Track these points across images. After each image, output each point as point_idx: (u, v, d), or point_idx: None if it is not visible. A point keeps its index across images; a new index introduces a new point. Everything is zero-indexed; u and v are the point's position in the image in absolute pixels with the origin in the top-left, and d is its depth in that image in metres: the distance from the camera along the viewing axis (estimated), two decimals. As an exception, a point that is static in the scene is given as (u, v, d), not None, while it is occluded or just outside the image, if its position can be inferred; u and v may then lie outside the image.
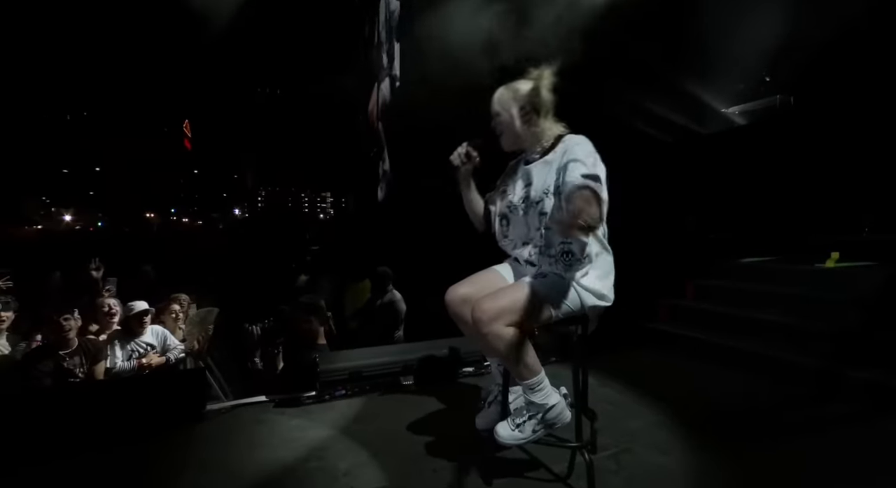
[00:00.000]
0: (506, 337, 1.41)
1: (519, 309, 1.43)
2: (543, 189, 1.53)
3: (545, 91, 1.55)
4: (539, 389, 1.49)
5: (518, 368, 1.47)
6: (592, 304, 1.52)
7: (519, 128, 1.58)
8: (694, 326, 3.31)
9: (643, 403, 2.31)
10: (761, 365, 2.70)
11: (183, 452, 1.82)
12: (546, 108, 1.57)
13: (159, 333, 3.52)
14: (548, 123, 1.59)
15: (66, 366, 3.01)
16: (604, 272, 1.55)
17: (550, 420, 1.51)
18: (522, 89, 1.57)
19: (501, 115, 1.59)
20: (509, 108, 1.57)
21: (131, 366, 3.27)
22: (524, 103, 1.56)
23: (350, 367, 2.41)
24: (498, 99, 1.59)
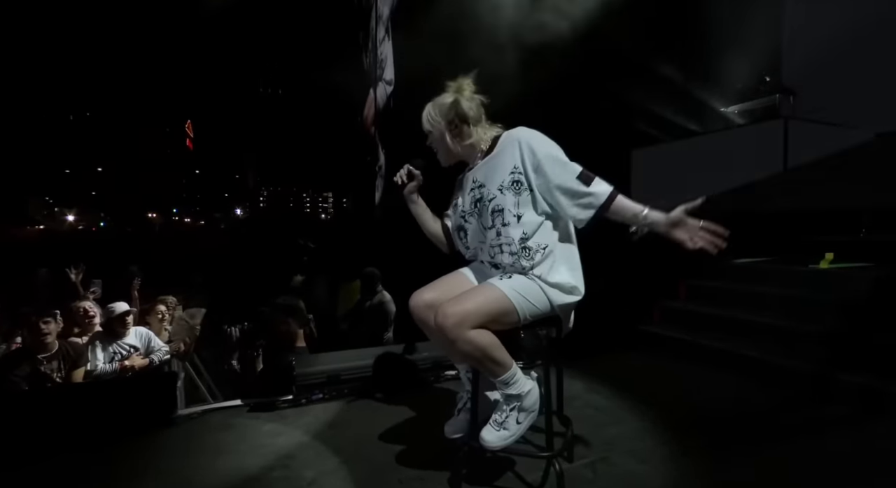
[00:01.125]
0: (473, 340, 1.37)
1: (484, 312, 1.38)
2: (496, 185, 1.49)
3: (465, 101, 1.52)
4: (514, 382, 1.45)
5: (490, 367, 1.42)
6: (561, 302, 1.47)
7: (451, 142, 1.56)
8: (685, 328, 3.24)
9: (628, 409, 2.25)
10: (752, 368, 2.63)
11: (143, 459, 1.77)
12: (473, 116, 1.53)
13: (143, 335, 3.47)
14: (480, 131, 1.56)
15: (44, 370, 2.97)
16: (570, 265, 1.51)
17: (529, 406, 1.47)
18: (446, 103, 1.54)
19: (433, 132, 1.57)
20: (438, 124, 1.55)
21: (113, 369, 3.23)
22: (451, 117, 1.53)
23: (328, 370, 2.35)
24: (426, 117, 1.57)
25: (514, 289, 1.42)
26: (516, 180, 1.47)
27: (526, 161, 1.46)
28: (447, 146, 1.56)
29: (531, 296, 1.44)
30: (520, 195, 1.47)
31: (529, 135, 1.49)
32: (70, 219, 41.54)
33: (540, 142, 1.47)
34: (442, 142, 1.56)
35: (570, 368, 2.82)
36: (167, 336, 3.75)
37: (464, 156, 1.59)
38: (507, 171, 1.48)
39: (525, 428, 1.46)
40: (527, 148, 1.46)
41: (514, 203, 1.47)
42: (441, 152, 1.59)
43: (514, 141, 1.50)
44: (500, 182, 1.48)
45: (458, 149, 1.56)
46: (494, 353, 1.40)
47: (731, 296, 3.31)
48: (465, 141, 1.54)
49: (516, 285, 1.44)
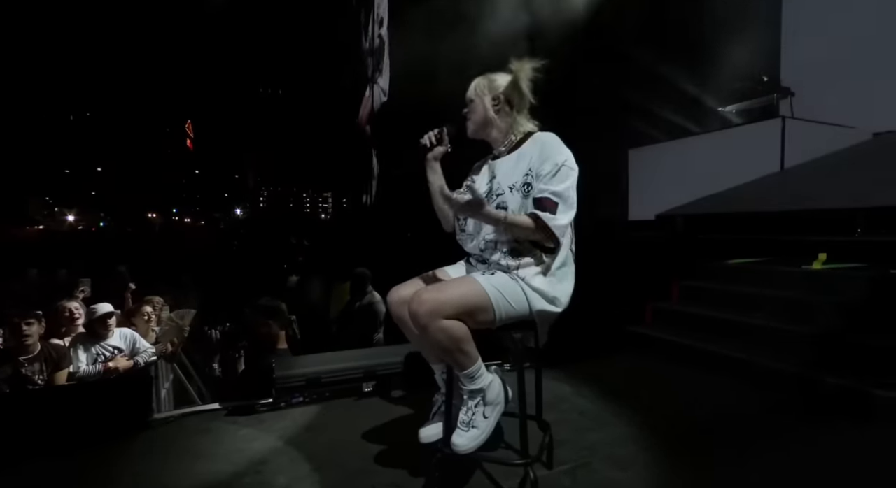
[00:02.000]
0: (446, 329, 1.34)
1: (460, 304, 1.35)
2: (508, 183, 1.49)
3: (523, 84, 1.50)
4: (479, 376, 1.43)
5: (459, 359, 1.40)
6: (541, 308, 1.43)
7: (487, 117, 1.56)
8: (677, 330, 3.20)
9: (614, 413, 2.20)
10: (743, 371, 2.59)
11: (116, 464, 1.73)
12: (520, 102, 1.54)
13: (128, 336, 3.43)
14: (520, 118, 1.56)
15: (25, 372, 2.93)
16: (557, 276, 1.46)
17: (493, 398, 1.46)
18: (499, 80, 1.55)
19: (475, 101, 1.57)
20: (483, 95, 1.55)
21: (97, 371, 3.19)
22: (498, 93, 1.54)
23: (308, 373, 2.31)
24: (474, 86, 1.58)
25: (494, 286, 1.40)
26: (527, 183, 1.47)
27: (537, 162, 1.46)
28: (483, 119, 1.56)
29: (510, 296, 1.40)
30: (527, 198, 1.46)
31: (553, 141, 1.49)
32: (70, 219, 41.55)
33: (560, 149, 1.47)
34: (479, 114, 1.56)
35: (557, 371, 2.78)
36: (154, 337, 3.71)
37: (493, 136, 1.60)
38: (521, 173, 1.48)
39: (493, 422, 1.44)
40: (543, 150, 1.46)
41: (519, 205, 1.47)
42: (473, 122, 1.59)
43: (538, 144, 1.50)
44: (513, 181, 1.49)
45: (491, 127, 1.57)
46: (465, 346, 1.38)
47: (723, 297, 3.27)
48: (502, 120, 1.55)
49: (497, 282, 1.41)
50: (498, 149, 1.60)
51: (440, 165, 1.66)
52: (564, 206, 1.41)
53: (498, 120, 1.56)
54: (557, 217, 1.40)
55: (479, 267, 1.56)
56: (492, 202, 1.50)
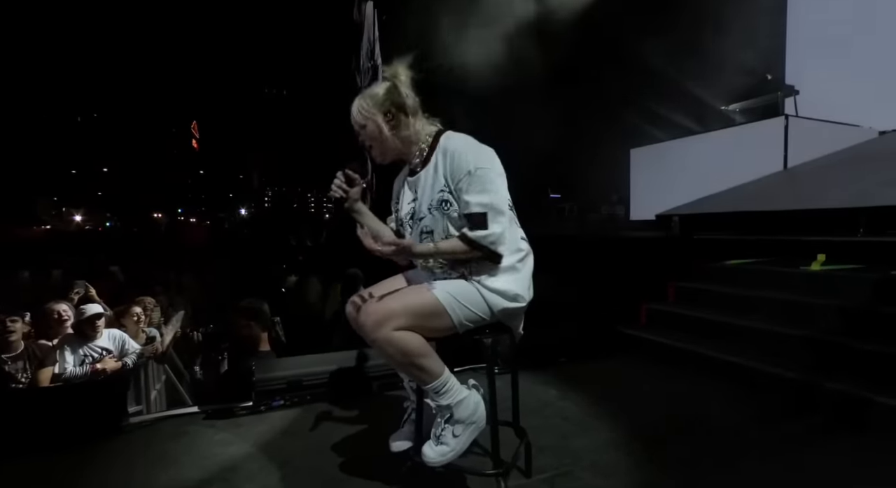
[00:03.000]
0: (396, 342, 1.26)
1: (410, 312, 1.28)
2: (427, 204, 1.41)
3: (404, 88, 1.41)
4: (444, 391, 1.34)
5: (418, 374, 1.32)
6: (503, 307, 1.37)
7: (389, 136, 1.42)
8: (672, 332, 3.12)
9: (601, 418, 2.14)
10: (738, 375, 2.51)
11: (80, 471, 1.68)
12: (411, 106, 1.42)
13: (116, 337, 3.40)
14: (419, 123, 1.45)
15: (7, 369, 2.92)
16: (514, 274, 1.40)
17: (465, 418, 1.36)
18: (379, 93, 1.41)
19: (367, 125, 1.42)
20: (373, 116, 1.41)
21: (84, 372, 3.16)
22: (387, 107, 1.40)
23: (288, 376, 2.27)
24: (358, 110, 1.43)
25: (447, 292, 1.33)
26: (444, 200, 1.38)
27: (450, 177, 1.36)
28: (384, 140, 1.43)
29: (467, 300, 1.34)
30: (448, 215, 1.38)
31: (457, 147, 1.38)
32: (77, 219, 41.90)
33: (466, 156, 1.35)
34: (378, 137, 1.43)
35: (544, 374, 2.72)
36: (143, 338, 3.68)
37: (402, 151, 1.47)
38: (436, 189, 1.39)
39: (466, 441, 1.36)
40: (452, 162, 1.36)
41: (443, 226, 1.39)
42: (377, 148, 1.46)
43: (447, 155, 1.39)
44: (430, 201, 1.40)
45: (396, 143, 1.44)
46: (420, 360, 1.29)
47: (720, 298, 3.19)
48: (403, 132, 1.43)
49: (451, 288, 1.35)
50: (412, 162, 1.49)
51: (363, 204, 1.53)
52: (494, 213, 1.33)
53: (399, 134, 1.43)
54: (490, 229, 1.32)
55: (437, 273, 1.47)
56: (416, 226, 1.44)
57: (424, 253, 1.38)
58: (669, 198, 6.95)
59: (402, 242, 1.34)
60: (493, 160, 1.40)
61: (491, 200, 1.33)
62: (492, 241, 1.33)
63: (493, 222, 1.33)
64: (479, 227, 1.32)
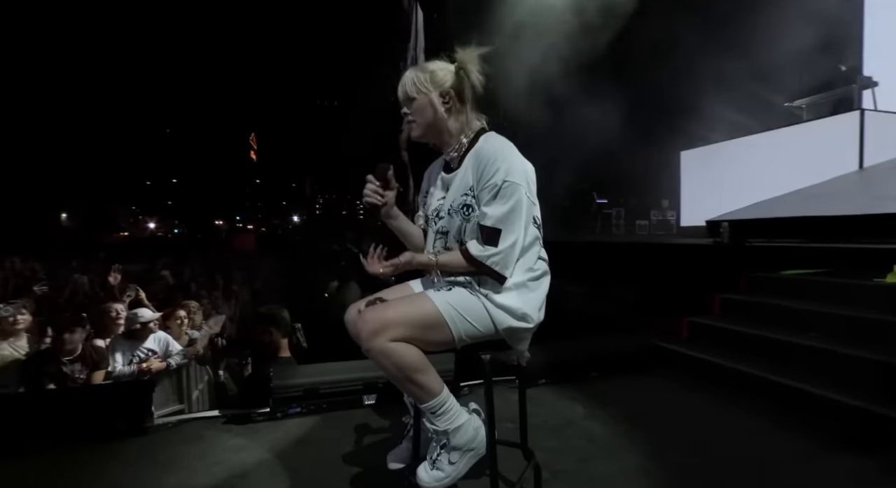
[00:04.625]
0: (391, 354, 1.19)
1: (408, 323, 1.21)
2: (449, 206, 1.35)
3: (473, 75, 1.33)
4: (441, 412, 1.25)
5: (411, 390, 1.24)
6: (508, 325, 1.27)
7: (440, 117, 1.35)
8: (715, 348, 2.87)
9: (629, 441, 1.98)
10: (791, 399, 2.25)
11: (89, 472, 1.74)
12: (471, 95, 1.36)
13: (161, 339, 3.60)
14: (471, 116, 1.38)
15: (66, 370, 3.15)
16: (526, 292, 1.30)
17: (462, 444, 1.26)
18: (439, 73, 1.35)
19: (418, 99, 1.35)
20: (428, 92, 1.34)
21: (131, 371, 3.37)
22: (446, 88, 1.34)
23: (306, 384, 2.27)
24: (412, 81, 1.35)
25: (448, 303, 1.25)
26: (466, 205, 1.31)
27: (476, 182, 1.29)
28: (430, 119, 1.35)
29: (470, 314, 1.26)
30: (468, 221, 1.32)
31: (490, 153, 1.30)
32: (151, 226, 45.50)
33: (497, 164, 1.27)
34: (425, 114, 1.35)
35: (571, 388, 2.57)
36: (186, 340, 3.88)
37: (444, 139, 1.39)
38: (461, 192, 1.33)
39: (463, 468, 1.27)
40: (482, 167, 1.28)
41: (459, 229, 1.33)
42: (419, 124, 1.37)
43: (477, 155, 1.32)
44: (452, 202, 1.34)
45: (442, 126, 1.36)
46: (416, 375, 1.22)
47: (772, 312, 2.90)
48: (452, 119, 1.36)
49: (453, 299, 1.27)
50: (449, 154, 1.41)
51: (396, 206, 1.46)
52: (508, 230, 1.25)
53: (450, 119, 1.36)
54: (499, 246, 1.24)
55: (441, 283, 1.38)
56: (437, 223, 1.39)
57: (423, 263, 1.32)
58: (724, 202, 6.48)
59: (398, 261, 1.30)
60: (526, 174, 1.31)
61: (509, 217, 1.25)
62: (495, 262, 1.24)
63: (505, 240, 1.25)
64: (489, 243, 1.25)
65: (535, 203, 1.33)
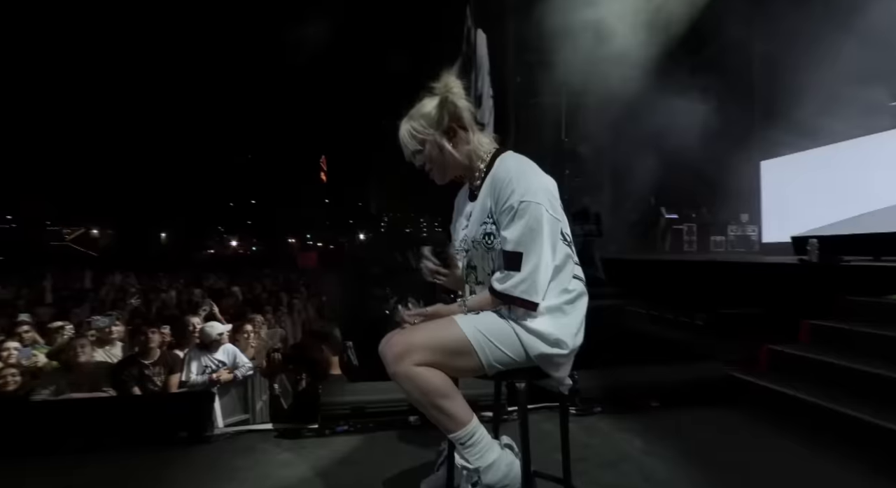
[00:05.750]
0: (415, 379, 1.16)
1: (433, 347, 1.18)
2: (472, 237, 1.32)
3: (460, 100, 1.31)
4: (469, 444, 1.19)
5: (437, 417, 1.20)
6: (541, 352, 1.20)
7: (451, 153, 1.32)
8: (801, 382, 2.54)
9: (693, 483, 1.79)
10: (893, 446, 1.93)
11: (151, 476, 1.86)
12: (468, 118, 1.33)
13: (230, 351, 3.84)
14: (477, 136, 1.35)
15: (147, 373, 3.46)
16: (560, 317, 1.23)
17: (493, 483, 1.20)
18: (431, 111, 1.32)
19: (425, 148, 1.32)
20: (430, 135, 1.31)
21: (203, 380, 3.62)
22: (445, 124, 1.31)
23: (353, 402, 2.30)
24: (409, 134, 1.33)
25: (476, 328, 1.21)
26: (487, 233, 1.27)
27: (495, 206, 1.26)
28: (445, 160, 1.33)
29: (500, 339, 1.20)
30: (492, 249, 1.28)
31: (506, 174, 1.25)
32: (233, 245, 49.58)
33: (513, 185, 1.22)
34: (439, 158, 1.33)
35: (630, 419, 2.39)
36: (252, 353, 4.12)
37: (464, 168, 1.37)
38: (480, 220, 1.30)
39: None
40: (497, 190, 1.25)
41: (487, 260, 1.30)
42: (437, 170, 1.36)
43: (493, 178, 1.29)
44: (475, 234, 1.31)
45: (458, 160, 1.33)
46: (442, 401, 1.17)
47: (872, 343, 2.53)
48: (464, 147, 1.33)
49: (482, 324, 1.22)
50: (473, 183, 1.38)
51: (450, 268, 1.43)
52: (529, 251, 1.19)
53: (461, 149, 1.32)
54: (522, 271, 1.19)
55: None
56: (465, 256, 1.36)
57: (452, 312, 1.29)
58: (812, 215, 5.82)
59: (425, 311, 1.32)
60: (546, 191, 1.25)
61: (529, 238, 1.20)
62: (523, 290, 1.19)
63: (528, 263, 1.19)
64: (511, 267, 1.21)
65: (559, 219, 1.26)
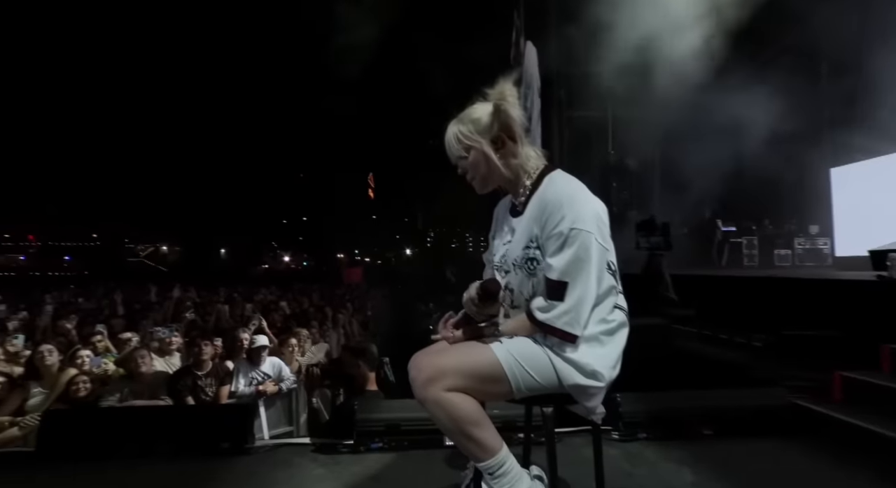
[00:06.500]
0: (444, 404, 1.13)
1: (464, 372, 1.15)
2: (513, 259, 1.28)
3: (514, 110, 1.26)
4: (499, 474, 1.15)
5: (465, 445, 1.16)
6: (575, 383, 1.15)
7: (498, 164, 1.27)
8: (883, 416, 2.26)
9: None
10: None
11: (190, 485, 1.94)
12: (519, 130, 1.28)
13: (275, 364, 3.98)
14: (526, 148, 1.31)
15: (200, 384, 3.64)
16: (598, 347, 1.17)
17: None
18: (482, 117, 1.27)
19: (470, 155, 1.27)
20: (478, 143, 1.26)
21: (250, 392, 3.76)
22: (494, 132, 1.26)
23: (387, 419, 2.30)
24: (458, 136, 1.28)
25: (510, 352, 1.17)
26: (530, 258, 1.23)
27: (541, 231, 1.21)
28: (490, 169, 1.28)
29: (532, 366, 1.16)
30: (534, 276, 1.23)
31: (555, 198, 1.20)
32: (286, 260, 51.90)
33: (563, 210, 1.17)
34: (484, 166, 1.28)
35: (679, 448, 2.22)
36: (297, 366, 4.24)
37: (509, 181, 1.31)
38: (523, 243, 1.25)
39: None
40: (546, 213, 1.20)
41: (527, 288, 1.25)
42: (480, 178, 1.31)
43: (541, 200, 1.24)
44: (516, 256, 1.27)
45: (503, 171, 1.28)
46: (472, 429, 1.13)
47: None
48: (512, 159, 1.28)
49: (515, 348, 1.18)
50: (518, 199, 1.32)
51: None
52: (575, 282, 1.14)
53: (509, 161, 1.27)
54: (566, 301, 1.14)
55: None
56: (501, 279, 1.31)
57: (487, 335, 1.27)
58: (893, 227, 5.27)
59: (458, 335, 1.29)
60: (597, 218, 1.20)
61: (577, 268, 1.15)
62: (566, 322, 1.14)
63: (572, 294, 1.14)
64: (554, 297, 1.16)
65: (608, 248, 1.21)
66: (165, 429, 2.31)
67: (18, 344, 4.40)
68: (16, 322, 5.41)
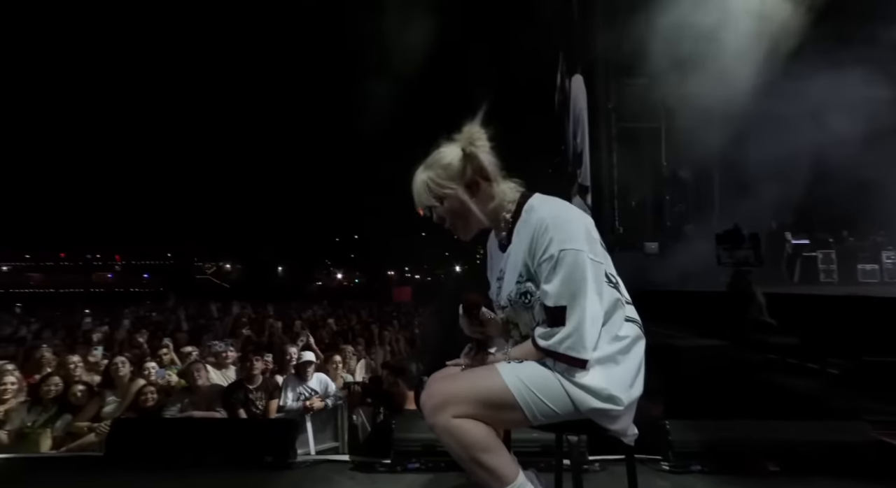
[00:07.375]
0: (454, 431, 1.11)
1: (474, 399, 1.12)
2: (507, 294, 1.26)
3: (483, 153, 1.24)
4: None
5: (480, 474, 1.12)
6: (592, 407, 1.09)
7: (474, 209, 1.25)
8: None
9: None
10: None
11: None
12: (493, 170, 1.26)
13: (322, 380, 4.08)
14: (501, 186, 1.28)
15: (251, 398, 3.79)
16: (612, 370, 1.12)
17: None
18: (452, 162, 1.25)
19: (445, 201, 1.25)
20: (451, 190, 1.24)
21: (298, 407, 3.87)
22: (468, 177, 1.24)
23: (424, 439, 2.27)
24: (426, 186, 1.26)
25: (519, 379, 1.13)
26: (523, 292, 1.20)
27: (531, 260, 1.18)
28: (468, 215, 1.26)
29: (544, 392, 1.11)
30: (532, 308, 1.21)
31: (539, 222, 1.17)
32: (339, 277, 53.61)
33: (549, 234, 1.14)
34: (461, 212, 1.26)
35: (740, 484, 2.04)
36: (342, 382, 4.32)
37: (489, 222, 1.31)
38: (514, 277, 1.23)
39: None
40: (533, 241, 1.17)
41: (528, 318, 1.24)
42: (460, 225, 1.29)
43: (525, 227, 1.22)
44: (509, 292, 1.24)
45: (481, 214, 1.27)
46: (482, 456, 1.09)
47: None
48: (488, 202, 1.26)
49: (525, 374, 1.14)
50: (499, 234, 1.32)
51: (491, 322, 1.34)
52: (573, 304, 1.10)
53: (485, 204, 1.26)
54: (567, 325, 1.10)
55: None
56: (503, 312, 1.30)
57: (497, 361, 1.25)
58: None
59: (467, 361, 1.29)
60: (586, 232, 1.17)
61: (571, 290, 1.11)
62: (569, 346, 1.10)
63: (572, 317, 1.10)
64: (556, 323, 1.13)
65: (601, 261, 1.16)
66: (215, 441, 2.42)
67: (98, 354, 4.84)
68: (99, 334, 5.97)
